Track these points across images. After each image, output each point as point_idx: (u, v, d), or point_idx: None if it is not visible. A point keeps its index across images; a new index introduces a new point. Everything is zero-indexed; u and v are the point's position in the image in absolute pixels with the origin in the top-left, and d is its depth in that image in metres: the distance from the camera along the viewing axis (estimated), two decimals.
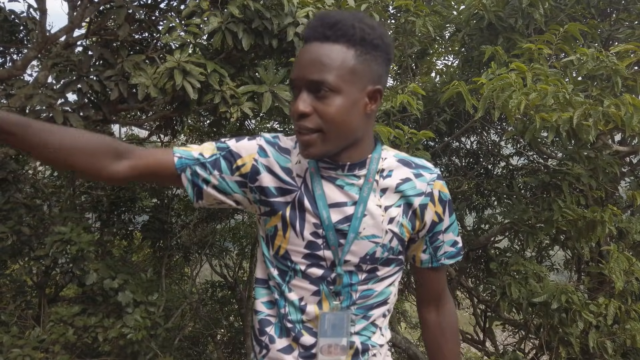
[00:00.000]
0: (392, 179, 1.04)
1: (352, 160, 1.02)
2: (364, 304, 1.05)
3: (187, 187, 1.06)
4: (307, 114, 0.94)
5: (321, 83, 0.92)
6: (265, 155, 1.06)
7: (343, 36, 0.94)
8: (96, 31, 3.29)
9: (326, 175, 1.03)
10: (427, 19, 3.35)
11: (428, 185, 1.05)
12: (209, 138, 5.41)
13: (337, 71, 0.93)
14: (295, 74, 0.96)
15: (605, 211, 3.22)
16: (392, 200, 1.04)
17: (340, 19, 0.94)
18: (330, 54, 0.93)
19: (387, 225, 1.03)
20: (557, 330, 3.39)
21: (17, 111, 3.00)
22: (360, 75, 0.95)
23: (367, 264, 1.03)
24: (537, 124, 2.22)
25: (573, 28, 2.71)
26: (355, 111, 0.96)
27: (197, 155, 1.05)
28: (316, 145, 0.95)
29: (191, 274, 6.44)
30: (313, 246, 1.02)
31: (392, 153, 1.09)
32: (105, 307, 3.35)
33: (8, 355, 2.97)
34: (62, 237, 3.07)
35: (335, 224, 1.01)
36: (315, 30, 0.95)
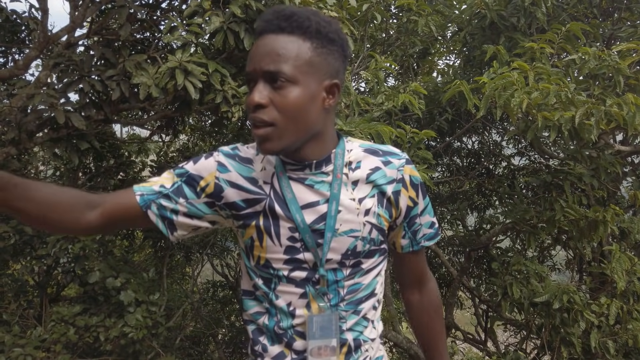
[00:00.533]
0: (361, 170, 1.03)
1: (317, 157, 1.01)
2: (353, 298, 1.04)
3: (157, 222, 1.02)
4: (263, 105, 0.91)
5: (277, 73, 0.90)
6: (226, 170, 1.03)
7: (298, 28, 0.92)
8: (98, 31, 3.29)
9: (295, 176, 1.01)
10: (429, 19, 3.34)
11: (398, 172, 1.05)
12: (210, 137, 5.42)
13: (294, 62, 0.91)
14: (251, 66, 0.93)
15: (607, 211, 3.21)
16: (365, 192, 1.02)
17: (295, 11, 0.94)
18: (285, 45, 0.91)
19: (363, 217, 1.01)
20: (559, 330, 3.39)
21: (18, 110, 3.00)
22: (317, 68, 0.94)
23: (349, 259, 1.02)
24: (539, 123, 2.22)
25: (575, 27, 2.70)
26: (313, 104, 0.94)
27: (158, 189, 1.02)
28: (273, 139, 0.93)
29: (192, 273, 6.45)
30: (292, 251, 1.01)
31: (357, 144, 1.07)
32: (107, 307, 3.35)
33: (9, 354, 2.97)
34: (64, 236, 3.08)
35: (310, 225, 0.99)
36: (269, 22, 0.94)
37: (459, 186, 4.84)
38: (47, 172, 4.90)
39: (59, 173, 4.76)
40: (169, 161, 5.32)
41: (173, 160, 5.37)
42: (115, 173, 4.74)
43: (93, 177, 4.59)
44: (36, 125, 2.95)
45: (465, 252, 4.79)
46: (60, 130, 2.97)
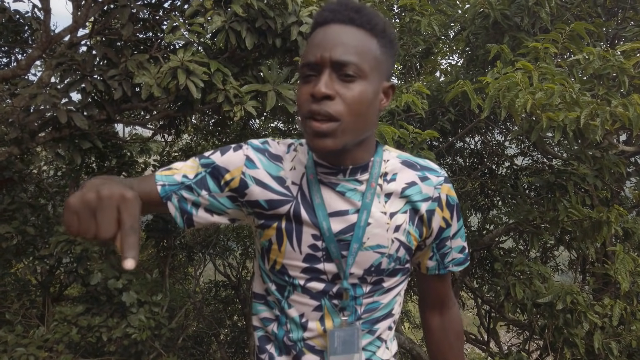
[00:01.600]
0: (396, 182, 0.96)
1: (355, 163, 0.94)
2: (370, 317, 0.98)
3: (175, 215, 0.96)
4: (331, 97, 0.84)
5: (349, 64, 0.84)
6: (254, 165, 0.97)
7: (368, 23, 0.88)
8: (100, 31, 3.30)
9: (326, 181, 0.95)
10: (432, 18, 3.33)
11: (435, 190, 0.97)
12: (213, 137, 5.42)
13: (365, 55, 0.86)
14: (316, 55, 0.85)
15: (611, 211, 3.20)
16: (398, 206, 0.95)
17: (364, 6, 0.90)
18: (356, 37, 0.86)
19: (393, 234, 0.95)
20: (562, 331, 3.37)
21: (21, 110, 3.01)
22: (381, 67, 0.90)
23: (371, 276, 0.96)
24: (544, 124, 2.20)
25: (579, 27, 2.68)
26: (374, 103, 0.89)
27: (180, 179, 0.96)
28: (335, 135, 0.85)
29: (195, 273, 6.45)
30: (312, 259, 0.94)
31: (394, 154, 1.01)
32: (109, 307, 3.35)
33: (12, 354, 2.97)
34: (67, 237, 3.08)
35: (336, 235, 0.93)
36: (337, 12, 0.88)
37: (461, 186, 4.82)
38: (49, 171, 4.91)
39: (61, 173, 4.76)
40: (171, 161, 5.33)
41: (175, 160, 5.37)
42: (117, 173, 4.74)
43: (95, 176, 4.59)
44: (39, 125, 2.96)
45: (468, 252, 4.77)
46: (62, 130, 2.98)
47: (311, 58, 0.86)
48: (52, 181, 4.67)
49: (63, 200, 4.31)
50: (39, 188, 3.99)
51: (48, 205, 3.98)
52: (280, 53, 3.12)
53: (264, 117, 5.03)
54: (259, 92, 2.96)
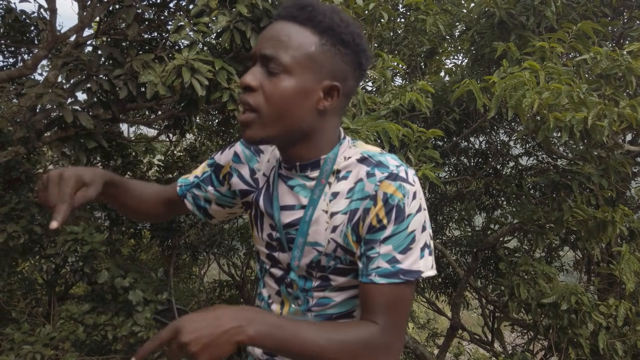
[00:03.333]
0: (347, 181, 0.93)
1: (303, 160, 0.94)
2: (323, 312, 0.97)
3: (194, 210, 1.12)
4: (253, 88, 0.87)
5: (273, 59, 0.86)
6: (238, 160, 1.07)
7: (310, 20, 0.87)
8: (105, 31, 3.31)
9: (284, 174, 0.98)
10: (437, 17, 3.33)
11: (375, 186, 0.88)
12: (217, 137, 5.43)
13: (294, 52, 0.86)
14: (254, 48, 0.90)
15: (616, 211, 3.19)
16: (340, 207, 0.92)
17: (314, 4, 0.89)
18: (291, 33, 0.87)
19: (330, 234, 0.92)
20: (567, 332, 3.37)
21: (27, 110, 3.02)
22: (319, 66, 0.87)
23: (315, 271, 0.96)
24: (551, 124, 2.19)
25: (586, 26, 2.68)
26: (304, 101, 0.87)
27: (192, 179, 1.12)
28: (253, 126, 0.88)
29: (199, 273, 6.47)
30: (270, 247, 1.01)
31: (359, 150, 0.95)
32: (114, 305, 3.36)
33: (19, 351, 2.99)
34: (74, 236, 3.09)
35: (284, 227, 0.96)
36: (285, 9, 0.90)
37: (466, 186, 4.82)
38: None
39: None
40: (175, 161, 5.34)
41: (180, 160, 5.39)
42: (122, 173, 4.76)
43: None
44: (45, 124, 2.97)
45: (472, 252, 4.77)
46: (68, 129, 2.99)
47: (252, 50, 0.91)
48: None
49: None
50: None
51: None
52: None
53: None
54: None
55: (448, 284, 5.55)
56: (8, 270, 3.57)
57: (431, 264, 0.91)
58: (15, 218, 3.24)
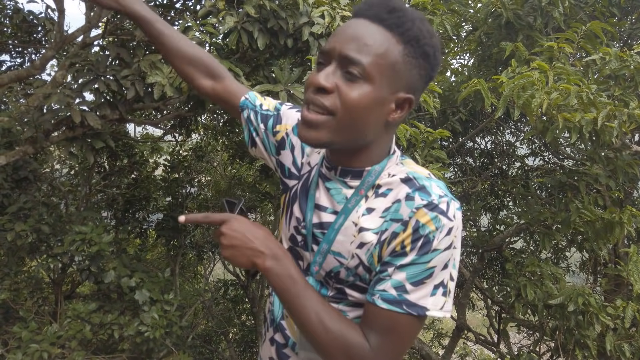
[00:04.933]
0: (385, 199, 0.87)
1: (348, 166, 0.90)
2: None
3: (244, 128, 1.12)
4: (328, 90, 0.81)
5: (356, 63, 0.79)
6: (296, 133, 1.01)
7: (398, 26, 0.81)
8: (113, 31, 3.32)
9: (324, 173, 0.94)
10: (444, 18, 3.32)
11: (411, 212, 0.83)
12: (222, 136, 5.43)
13: (378, 59, 0.80)
14: (331, 44, 0.83)
15: (624, 212, 3.17)
16: (372, 225, 0.87)
17: (403, 8, 0.83)
18: (376, 38, 0.80)
19: (355, 249, 0.87)
20: (573, 333, 3.35)
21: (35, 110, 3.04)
22: (399, 76, 0.82)
23: (332, 281, 0.91)
24: (560, 125, 2.19)
25: (596, 26, 2.66)
26: (377, 111, 0.82)
27: (257, 103, 1.10)
28: (322, 129, 0.82)
29: (204, 272, 6.48)
30: (293, 240, 0.97)
31: (406, 169, 0.89)
32: (120, 305, 3.38)
33: (26, 350, 3.01)
34: (83, 237, 3.11)
35: (313, 227, 0.92)
36: (370, 7, 0.83)
37: (472, 186, 4.81)
38: (62, 170, 4.96)
39: (73, 172, 4.81)
40: (181, 160, 5.36)
41: (185, 159, 5.40)
42: (128, 172, 4.78)
43: (107, 175, 4.64)
44: (52, 124, 2.99)
45: (478, 253, 4.76)
46: (76, 129, 3.01)
47: (326, 46, 0.84)
48: (65, 180, 4.72)
49: (75, 198, 4.35)
50: (51, 187, 4.04)
51: (61, 204, 4.02)
52: (292, 53, 3.13)
53: None
54: (270, 92, 2.97)
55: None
56: (15, 269, 3.59)
57: (442, 304, 0.84)
58: (23, 217, 3.26)
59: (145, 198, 4.89)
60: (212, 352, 6.11)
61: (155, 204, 5.14)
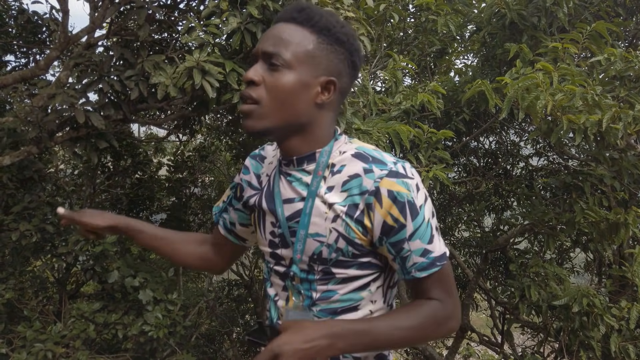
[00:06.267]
0: (341, 175, 0.97)
1: (300, 153, 0.99)
2: (327, 306, 0.99)
3: (227, 235, 1.20)
4: (256, 83, 0.94)
5: (275, 55, 0.93)
6: (247, 171, 1.13)
7: (308, 20, 0.95)
8: (117, 31, 3.33)
9: (283, 171, 1.03)
10: (448, 18, 3.31)
11: (374, 183, 0.92)
12: (226, 137, 5.44)
13: (294, 48, 0.93)
14: (255, 47, 0.97)
15: (629, 213, 3.15)
16: (338, 199, 0.95)
17: (311, 6, 0.97)
18: (291, 32, 0.95)
19: (330, 223, 0.95)
20: (578, 334, 3.33)
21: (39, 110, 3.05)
22: (317, 62, 0.95)
23: (316, 264, 0.98)
24: (564, 126, 2.17)
25: (601, 27, 2.65)
26: (303, 95, 0.94)
27: (221, 204, 1.20)
28: (254, 117, 0.94)
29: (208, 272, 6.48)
30: (272, 245, 1.05)
31: (354, 146, 1.00)
32: (124, 304, 3.38)
33: (30, 349, 3.02)
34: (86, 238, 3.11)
35: (287, 220, 1.00)
36: (285, 12, 0.98)
37: (475, 187, 4.79)
38: (66, 170, 4.98)
39: (77, 172, 4.83)
40: (185, 160, 5.37)
41: (189, 159, 5.41)
42: (132, 172, 4.79)
43: (111, 175, 4.65)
44: (57, 124, 3.00)
45: (481, 253, 4.74)
46: (80, 129, 3.01)
47: (253, 50, 0.98)
48: (69, 180, 4.73)
49: (79, 198, 4.37)
50: (56, 187, 4.05)
51: (65, 204, 4.03)
52: None
53: None
54: None
55: (457, 285, 5.51)
56: (20, 269, 3.60)
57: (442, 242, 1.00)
58: (28, 217, 3.27)
59: (149, 198, 4.90)
60: (215, 351, 6.12)
61: (159, 203, 5.15)
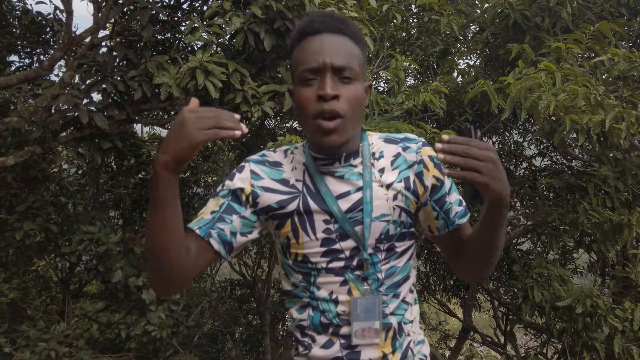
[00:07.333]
0: (385, 158, 1.10)
1: (347, 151, 1.08)
2: (391, 282, 1.08)
3: (220, 249, 1.05)
4: (337, 97, 0.98)
5: (347, 68, 0.98)
6: (258, 177, 1.10)
7: (352, 32, 1.03)
8: (120, 32, 3.34)
9: (325, 171, 1.08)
10: (451, 18, 3.31)
11: (417, 154, 1.09)
12: None
13: (357, 60, 1.02)
14: (317, 61, 0.98)
15: (632, 214, 3.14)
16: (392, 178, 1.08)
17: (346, 18, 1.07)
18: (348, 45, 1.01)
19: (392, 202, 1.07)
20: (581, 335, 3.32)
21: (43, 110, 3.06)
22: (364, 70, 1.06)
23: (383, 243, 1.07)
24: (567, 126, 2.17)
25: (605, 27, 2.64)
26: (363, 101, 1.04)
27: (210, 216, 1.06)
28: (341, 131, 0.99)
29: (210, 272, 6.50)
30: (328, 242, 1.06)
31: (376, 136, 1.15)
32: (127, 304, 3.39)
33: (34, 348, 3.03)
34: (90, 236, 3.13)
35: (346, 213, 1.05)
36: (326, 23, 1.02)
37: None
38: (69, 170, 4.99)
39: (81, 172, 4.84)
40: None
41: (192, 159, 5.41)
42: (135, 172, 4.80)
43: (114, 175, 4.66)
44: (60, 124, 3.01)
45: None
46: (83, 129, 3.03)
47: (313, 64, 0.99)
48: (73, 180, 4.75)
49: (83, 198, 4.38)
50: (60, 186, 4.07)
51: (69, 204, 4.04)
52: None
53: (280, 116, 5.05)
54: (276, 93, 2.97)
55: (460, 285, 5.51)
56: (23, 268, 3.61)
57: None
58: (32, 216, 3.29)
59: None
60: (218, 351, 6.12)
61: None
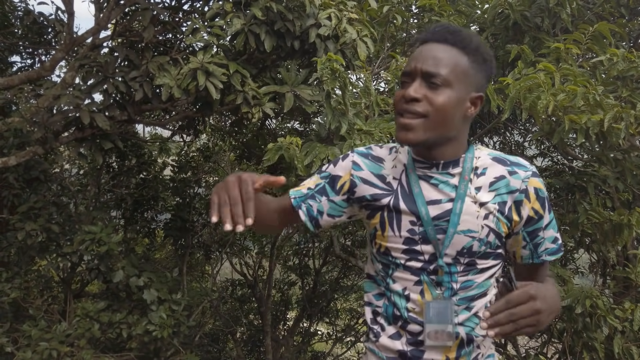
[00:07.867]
0: (486, 176, 1.11)
1: (445, 159, 1.11)
2: (466, 295, 1.11)
3: (305, 220, 1.19)
4: (418, 100, 1.03)
5: (435, 75, 1.03)
6: (359, 168, 1.18)
7: (461, 42, 1.07)
8: (122, 33, 3.35)
9: (422, 174, 1.12)
10: (451, 19, 3.31)
11: (523, 182, 1.09)
12: (230, 137, 5.46)
13: (452, 68, 1.04)
14: (411, 66, 1.06)
15: (633, 214, 3.14)
16: (488, 197, 1.09)
17: (461, 29, 1.11)
18: (447, 53, 1.05)
19: (483, 220, 1.09)
20: (581, 335, 3.33)
21: (45, 111, 3.08)
22: (470, 80, 1.07)
23: (464, 257, 1.10)
24: (566, 126, 2.18)
25: (604, 27, 2.64)
26: (458, 108, 1.06)
27: (306, 191, 1.21)
28: (417, 130, 1.04)
29: (212, 272, 6.51)
30: (410, 242, 1.11)
31: (486, 152, 1.15)
32: (129, 304, 3.41)
33: (35, 348, 3.05)
34: (92, 236, 3.14)
35: (433, 219, 1.09)
36: (435, 33, 1.09)
37: None
38: (71, 170, 5.01)
39: (83, 172, 4.86)
40: (189, 161, 5.39)
41: (193, 159, 5.43)
42: (137, 172, 4.82)
43: (116, 175, 4.68)
44: (62, 125, 3.03)
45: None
46: (85, 130, 3.04)
47: (407, 68, 1.08)
48: (74, 180, 4.76)
49: (85, 198, 4.39)
50: (61, 187, 4.08)
51: (70, 204, 4.06)
52: (299, 55, 3.14)
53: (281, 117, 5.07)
54: (276, 93, 2.98)
55: None
56: (25, 268, 3.63)
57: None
58: (34, 217, 3.30)
59: (154, 198, 4.92)
60: (219, 351, 6.14)
61: (164, 203, 5.17)
